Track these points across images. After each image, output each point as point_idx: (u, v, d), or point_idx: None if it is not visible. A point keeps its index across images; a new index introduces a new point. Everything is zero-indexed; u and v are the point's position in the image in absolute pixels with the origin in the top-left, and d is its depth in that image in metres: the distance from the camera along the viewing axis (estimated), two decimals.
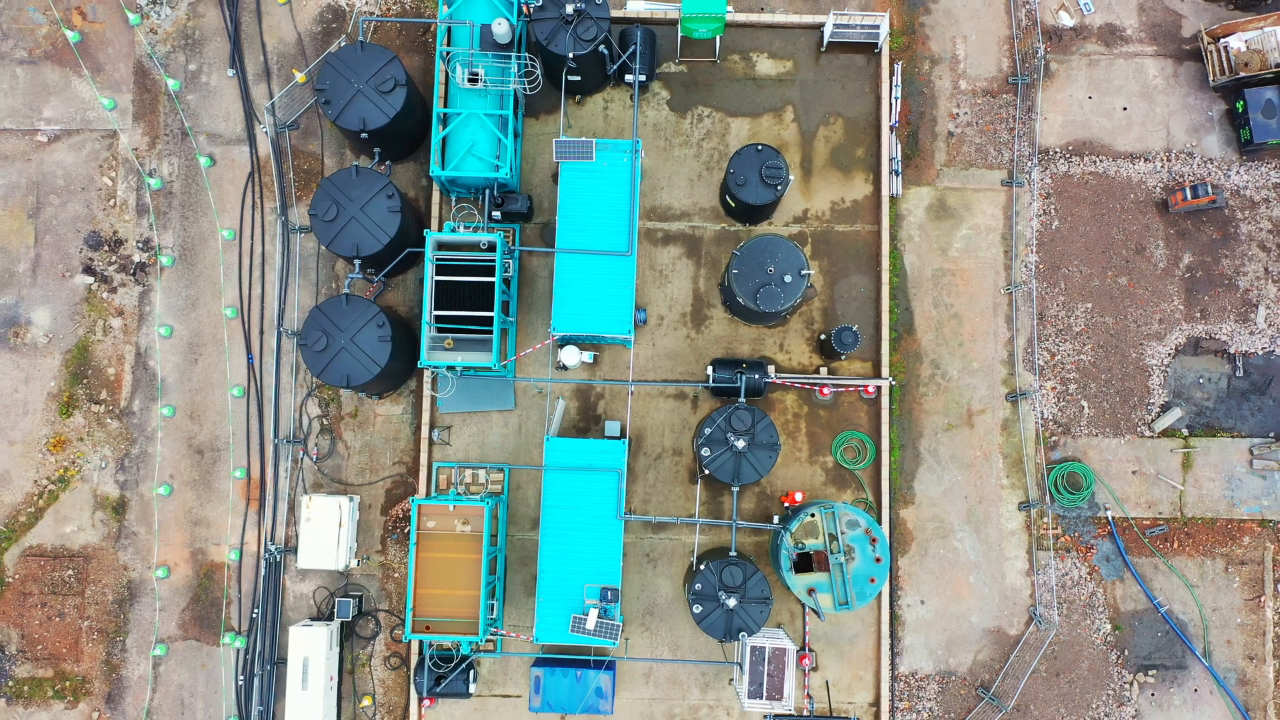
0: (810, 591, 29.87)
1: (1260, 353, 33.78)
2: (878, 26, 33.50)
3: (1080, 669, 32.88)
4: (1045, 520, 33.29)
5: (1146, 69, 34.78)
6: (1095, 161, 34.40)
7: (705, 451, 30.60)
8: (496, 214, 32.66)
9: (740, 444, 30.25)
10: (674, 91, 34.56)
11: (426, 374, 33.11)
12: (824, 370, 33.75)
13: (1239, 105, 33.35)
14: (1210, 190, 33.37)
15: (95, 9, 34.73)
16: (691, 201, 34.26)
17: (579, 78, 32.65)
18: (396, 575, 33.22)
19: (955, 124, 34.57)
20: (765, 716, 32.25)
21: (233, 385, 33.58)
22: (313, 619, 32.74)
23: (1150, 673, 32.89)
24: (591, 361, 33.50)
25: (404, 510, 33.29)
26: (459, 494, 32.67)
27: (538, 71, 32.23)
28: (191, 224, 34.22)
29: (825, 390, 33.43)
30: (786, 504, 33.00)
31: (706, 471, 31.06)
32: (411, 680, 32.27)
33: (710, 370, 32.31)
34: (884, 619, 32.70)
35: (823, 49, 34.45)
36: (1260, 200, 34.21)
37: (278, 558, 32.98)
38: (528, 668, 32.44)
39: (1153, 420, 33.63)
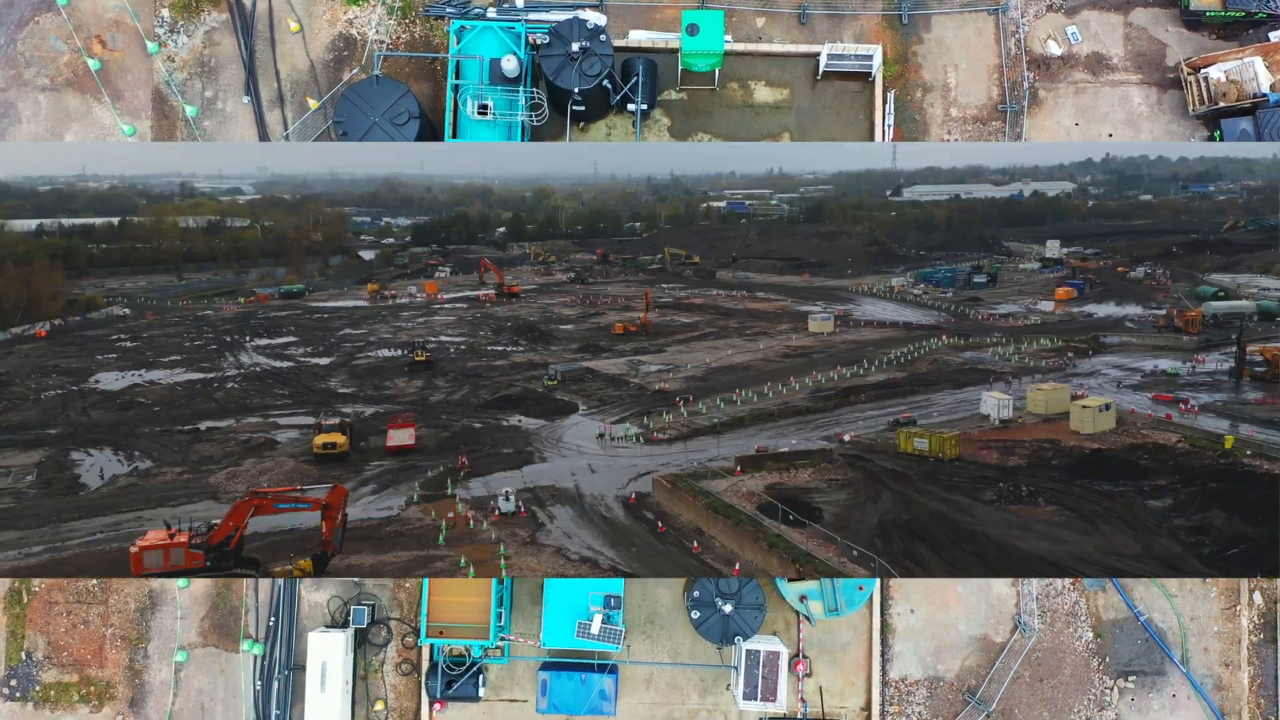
0: (802, 599, 31.32)
1: None
2: (871, 56, 34.73)
3: (1063, 674, 34.34)
4: None
5: (1132, 97, 36.07)
6: None
7: None
8: None
9: None
10: (674, 118, 35.87)
11: None
12: None
13: (1216, 135, 34.63)
14: None
15: (115, 37, 35.95)
16: None
17: (583, 108, 33.90)
18: (407, 585, 34.57)
19: None
20: (760, 717, 33.82)
21: None
22: (328, 627, 34.11)
23: (1130, 678, 34.35)
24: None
25: None
26: None
27: (544, 104, 33.46)
28: None
29: None
30: None
31: None
32: (423, 685, 33.66)
33: None
34: (875, 627, 34.12)
35: (819, 77, 35.70)
36: None
37: None
38: (534, 674, 33.83)
39: None
